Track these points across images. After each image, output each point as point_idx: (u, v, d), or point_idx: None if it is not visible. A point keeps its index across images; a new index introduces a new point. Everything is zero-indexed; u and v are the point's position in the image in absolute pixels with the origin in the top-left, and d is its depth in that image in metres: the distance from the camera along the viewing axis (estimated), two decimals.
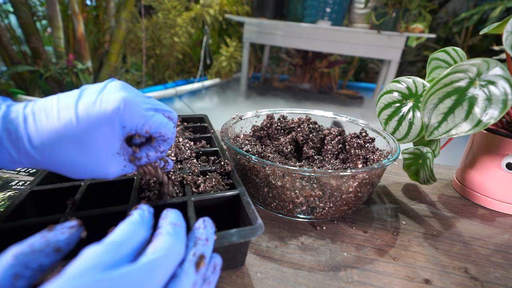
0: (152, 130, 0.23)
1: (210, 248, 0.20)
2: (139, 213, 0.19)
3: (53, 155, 0.21)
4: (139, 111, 0.22)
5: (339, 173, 0.30)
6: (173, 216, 0.20)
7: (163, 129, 0.24)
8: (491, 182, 0.40)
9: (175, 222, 0.19)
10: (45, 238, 0.17)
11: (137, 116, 0.22)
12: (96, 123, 0.20)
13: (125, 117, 0.21)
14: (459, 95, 0.33)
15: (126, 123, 0.22)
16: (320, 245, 0.32)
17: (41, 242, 0.17)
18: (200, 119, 0.52)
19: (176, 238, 0.18)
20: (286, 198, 0.33)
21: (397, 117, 0.42)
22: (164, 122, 0.24)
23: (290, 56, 2.97)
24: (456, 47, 0.40)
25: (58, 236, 0.17)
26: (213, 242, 0.21)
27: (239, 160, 0.35)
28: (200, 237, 0.20)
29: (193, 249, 0.19)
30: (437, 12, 3.06)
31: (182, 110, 2.21)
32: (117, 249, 0.15)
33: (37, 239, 0.17)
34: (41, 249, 0.16)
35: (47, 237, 0.17)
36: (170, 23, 2.46)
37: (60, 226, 0.18)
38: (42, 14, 1.99)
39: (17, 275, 0.15)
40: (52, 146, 0.20)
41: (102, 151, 0.22)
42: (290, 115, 0.50)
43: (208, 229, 0.21)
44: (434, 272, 0.29)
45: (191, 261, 0.18)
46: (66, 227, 0.18)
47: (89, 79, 1.81)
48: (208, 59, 2.74)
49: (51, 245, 0.17)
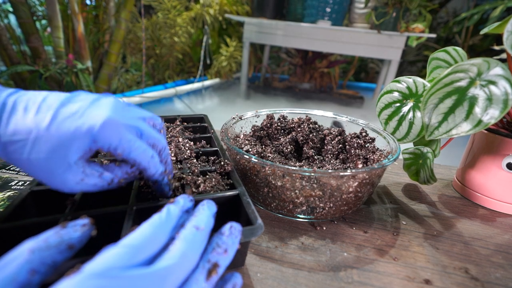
0: (125, 154, 0.22)
1: (227, 258, 0.19)
2: (165, 213, 0.19)
3: (14, 150, 0.20)
4: (119, 133, 0.21)
5: (339, 173, 0.30)
6: (201, 217, 0.20)
7: (138, 157, 0.22)
8: (492, 182, 0.40)
9: (199, 225, 0.19)
10: (59, 234, 0.17)
11: (114, 137, 0.21)
12: (66, 135, 0.20)
13: (100, 135, 0.20)
14: (460, 95, 0.33)
15: (99, 140, 0.20)
16: (320, 245, 0.32)
17: (55, 239, 0.17)
18: (200, 119, 0.52)
19: (192, 246, 0.17)
20: (286, 198, 0.33)
21: (397, 117, 0.42)
22: (142, 149, 0.22)
23: (290, 56, 2.97)
24: (456, 46, 0.40)
25: (71, 233, 0.18)
26: (234, 252, 0.20)
27: (239, 160, 0.35)
28: (220, 246, 0.19)
29: (209, 255, 0.18)
30: (438, 12, 3.06)
31: (182, 110, 2.21)
32: (134, 252, 0.16)
33: (51, 234, 0.17)
34: (55, 245, 0.17)
35: (60, 234, 0.17)
36: (170, 23, 2.46)
37: (72, 224, 0.18)
38: (41, 14, 1.98)
39: (34, 271, 0.15)
40: (16, 142, 0.19)
41: (59, 161, 0.20)
42: (290, 115, 0.50)
43: (231, 238, 0.20)
44: (435, 273, 0.29)
45: (204, 268, 0.18)
46: (79, 224, 0.18)
47: (89, 79, 1.81)
48: (208, 59, 2.74)
49: (65, 242, 0.17)
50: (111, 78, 2.10)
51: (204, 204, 0.22)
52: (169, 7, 2.46)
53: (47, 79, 1.77)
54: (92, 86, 1.81)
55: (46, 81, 1.76)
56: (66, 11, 1.94)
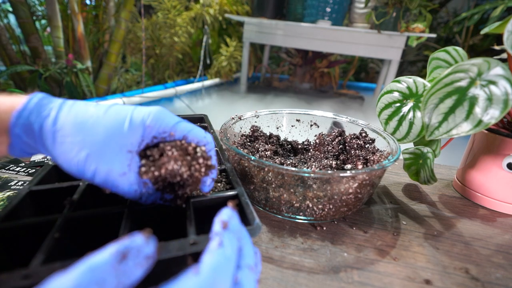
0: (181, 132, 0.24)
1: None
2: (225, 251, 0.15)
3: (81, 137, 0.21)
4: (172, 116, 0.24)
5: (339, 174, 0.30)
6: (247, 249, 0.18)
7: (190, 134, 0.24)
8: (492, 182, 0.40)
9: (251, 264, 0.17)
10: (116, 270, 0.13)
11: (169, 119, 0.23)
12: (120, 119, 0.22)
13: (155, 120, 0.23)
14: (460, 95, 0.33)
15: (154, 124, 0.23)
16: (320, 246, 0.32)
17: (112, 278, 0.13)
18: (200, 119, 0.52)
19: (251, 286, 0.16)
20: (285, 199, 0.33)
21: (398, 117, 0.42)
22: (190, 128, 0.24)
23: (290, 56, 2.97)
24: (456, 46, 0.40)
25: (132, 269, 0.13)
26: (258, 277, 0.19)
27: (238, 161, 0.35)
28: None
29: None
30: (438, 11, 3.06)
31: (182, 110, 2.21)
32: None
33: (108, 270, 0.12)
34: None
35: (118, 270, 0.13)
36: (170, 23, 2.45)
37: (134, 254, 0.14)
38: (41, 14, 1.98)
39: None
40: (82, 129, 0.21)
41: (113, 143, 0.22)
42: (290, 115, 0.50)
43: (258, 266, 0.19)
44: (435, 273, 0.29)
45: None
46: (142, 256, 0.14)
47: (89, 79, 1.81)
48: (208, 59, 2.73)
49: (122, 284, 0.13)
50: (111, 78, 2.09)
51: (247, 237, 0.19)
52: (169, 7, 2.46)
53: (46, 79, 1.76)
54: (92, 86, 1.81)
55: (46, 81, 1.76)
56: (66, 11, 1.94)
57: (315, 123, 0.49)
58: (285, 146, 0.47)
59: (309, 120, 0.49)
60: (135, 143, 0.22)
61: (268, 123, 0.49)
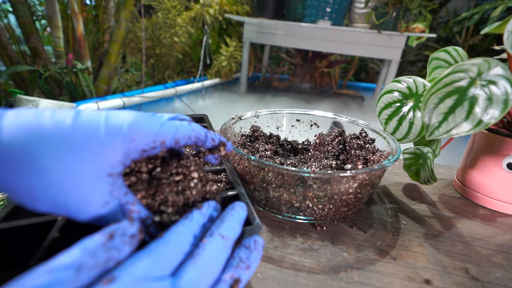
0: (168, 140, 0.20)
1: (249, 274, 0.19)
2: (188, 221, 0.18)
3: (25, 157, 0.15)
4: (158, 120, 0.19)
5: (339, 174, 0.30)
6: (229, 224, 0.19)
7: (179, 133, 0.20)
8: (492, 182, 0.40)
9: (224, 234, 0.18)
10: (106, 247, 0.15)
11: (154, 125, 0.19)
12: (94, 134, 0.17)
13: (137, 130, 0.18)
14: (460, 95, 0.33)
15: (137, 136, 0.18)
16: (320, 246, 0.32)
17: (103, 254, 0.15)
18: (200, 119, 0.52)
19: (216, 256, 0.17)
20: (286, 199, 0.33)
21: (398, 117, 0.42)
22: (176, 127, 0.20)
23: (290, 56, 2.97)
24: (456, 46, 0.40)
25: (119, 246, 0.15)
26: (255, 268, 0.19)
27: (238, 161, 0.35)
28: (244, 261, 0.19)
29: (232, 271, 0.18)
30: (438, 11, 3.06)
31: (182, 110, 2.21)
32: (159, 262, 0.15)
33: (99, 247, 0.14)
34: (104, 262, 0.14)
35: (107, 247, 0.15)
36: (170, 23, 2.45)
37: (120, 232, 0.15)
38: (41, 14, 1.98)
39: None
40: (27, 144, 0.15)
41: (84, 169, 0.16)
42: (290, 115, 0.50)
43: (255, 254, 0.19)
44: (435, 273, 0.29)
45: (227, 282, 0.17)
46: (127, 235, 0.16)
47: (89, 79, 1.80)
48: (208, 59, 2.73)
49: (113, 260, 0.15)
50: (111, 78, 2.09)
51: (234, 208, 0.21)
52: (169, 7, 2.46)
53: (46, 79, 1.76)
54: (92, 86, 1.81)
55: (46, 81, 1.76)
56: (66, 11, 1.94)
57: (315, 123, 0.49)
58: (285, 146, 0.47)
59: (309, 120, 0.50)
60: (116, 163, 0.18)
61: (268, 123, 0.49)
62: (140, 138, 0.18)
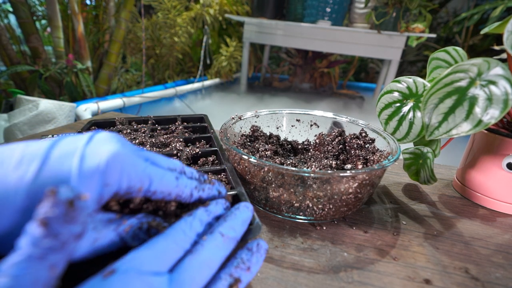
0: (145, 186, 0.17)
1: (250, 275, 0.19)
2: (191, 218, 0.18)
3: None
4: (134, 163, 0.17)
5: (339, 174, 0.30)
6: (231, 223, 0.19)
7: (160, 185, 0.18)
8: (492, 182, 0.40)
9: (224, 232, 0.18)
10: None
11: (131, 169, 0.17)
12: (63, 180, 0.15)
13: (112, 172, 0.16)
14: (460, 95, 0.33)
15: (111, 179, 0.16)
16: (320, 246, 0.32)
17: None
18: (200, 119, 0.52)
19: (214, 254, 0.17)
20: (285, 199, 0.33)
21: (398, 117, 0.42)
22: (161, 175, 0.18)
23: (290, 56, 2.97)
24: (456, 46, 0.40)
25: None
26: (257, 270, 0.19)
27: (238, 160, 0.35)
28: (245, 262, 0.19)
29: (232, 270, 0.18)
30: (438, 11, 3.06)
31: (182, 110, 2.21)
32: (157, 257, 0.16)
33: None
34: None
35: None
36: (170, 23, 2.46)
37: None
38: (41, 14, 1.98)
39: None
40: None
41: None
42: (290, 115, 0.50)
43: (256, 257, 0.19)
44: (435, 272, 0.29)
45: (226, 281, 0.17)
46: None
47: (89, 79, 1.81)
48: (208, 59, 2.73)
49: None
50: (111, 78, 2.09)
51: (238, 208, 0.21)
52: (169, 7, 2.46)
53: (47, 79, 1.76)
54: (92, 86, 1.81)
55: (46, 81, 1.76)
56: (66, 11, 1.94)
57: (315, 123, 0.49)
58: (285, 146, 0.47)
59: (309, 120, 0.50)
60: (90, 204, 0.15)
61: (268, 123, 0.49)
62: (115, 184, 0.16)
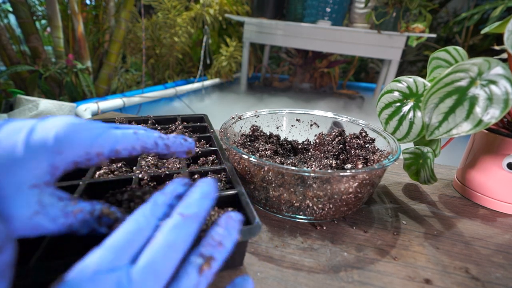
0: (108, 147, 0.19)
1: (224, 251, 0.17)
2: (149, 205, 0.18)
3: None
4: (89, 130, 0.18)
5: (339, 174, 0.30)
6: (188, 201, 0.18)
7: (120, 144, 0.19)
8: (492, 182, 0.40)
9: (184, 212, 0.17)
10: None
11: (86, 135, 0.18)
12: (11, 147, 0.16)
13: (66, 140, 0.17)
14: (460, 94, 0.33)
15: (65, 147, 0.17)
16: (320, 245, 0.32)
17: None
18: (200, 118, 0.52)
19: (175, 236, 0.16)
20: (285, 198, 0.33)
21: (398, 116, 0.42)
22: (117, 136, 0.19)
23: (290, 56, 2.97)
24: (457, 46, 0.40)
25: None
26: (232, 243, 0.18)
27: (238, 160, 0.35)
28: (214, 238, 0.17)
29: (202, 249, 0.17)
30: (438, 11, 3.06)
31: (182, 110, 2.21)
32: (117, 253, 0.15)
33: None
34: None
35: None
36: (170, 23, 2.45)
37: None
38: (41, 14, 1.98)
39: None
40: None
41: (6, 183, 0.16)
42: (290, 115, 0.50)
43: (227, 229, 0.18)
44: (435, 272, 0.29)
45: (196, 262, 0.16)
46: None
47: (89, 79, 1.80)
48: (208, 59, 2.73)
49: None
50: (111, 78, 2.09)
51: (196, 185, 0.19)
52: (169, 7, 2.46)
53: (46, 79, 1.76)
54: (92, 86, 1.81)
55: (46, 81, 1.76)
56: (66, 11, 1.94)
57: (315, 123, 0.49)
58: (285, 146, 0.47)
59: (309, 120, 0.50)
60: (41, 174, 0.17)
61: (268, 122, 0.49)
62: (68, 150, 0.18)
